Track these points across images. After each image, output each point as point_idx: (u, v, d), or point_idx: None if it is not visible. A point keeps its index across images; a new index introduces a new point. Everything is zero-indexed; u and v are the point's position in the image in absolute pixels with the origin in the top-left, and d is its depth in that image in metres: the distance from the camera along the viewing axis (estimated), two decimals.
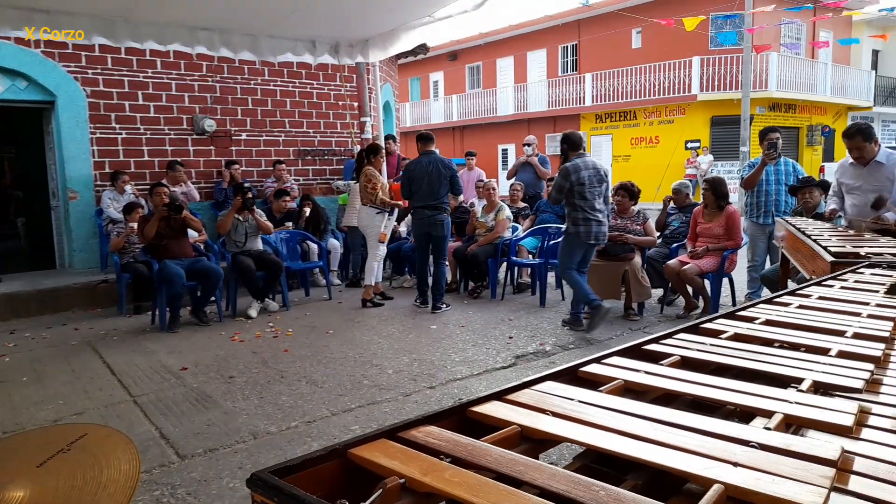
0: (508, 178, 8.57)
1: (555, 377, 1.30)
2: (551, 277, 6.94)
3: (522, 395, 1.20)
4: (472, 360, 4.55)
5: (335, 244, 7.67)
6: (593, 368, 1.37)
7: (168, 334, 5.46)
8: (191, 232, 6.15)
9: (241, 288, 6.30)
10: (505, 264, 6.84)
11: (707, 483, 0.83)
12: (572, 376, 1.35)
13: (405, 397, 3.81)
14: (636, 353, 1.51)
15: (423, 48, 10.37)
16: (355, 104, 8.93)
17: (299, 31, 6.41)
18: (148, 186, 6.56)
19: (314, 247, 7.36)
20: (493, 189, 7.08)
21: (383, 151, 6.64)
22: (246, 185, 6.56)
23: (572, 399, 1.17)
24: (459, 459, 0.94)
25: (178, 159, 7.57)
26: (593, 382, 1.31)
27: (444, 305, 6.11)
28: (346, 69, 8.68)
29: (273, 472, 0.88)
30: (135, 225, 5.90)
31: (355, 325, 5.66)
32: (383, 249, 6.48)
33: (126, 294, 6.29)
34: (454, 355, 4.67)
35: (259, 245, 6.33)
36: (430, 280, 6.35)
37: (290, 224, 7.22)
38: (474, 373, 4.26)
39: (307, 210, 7.46)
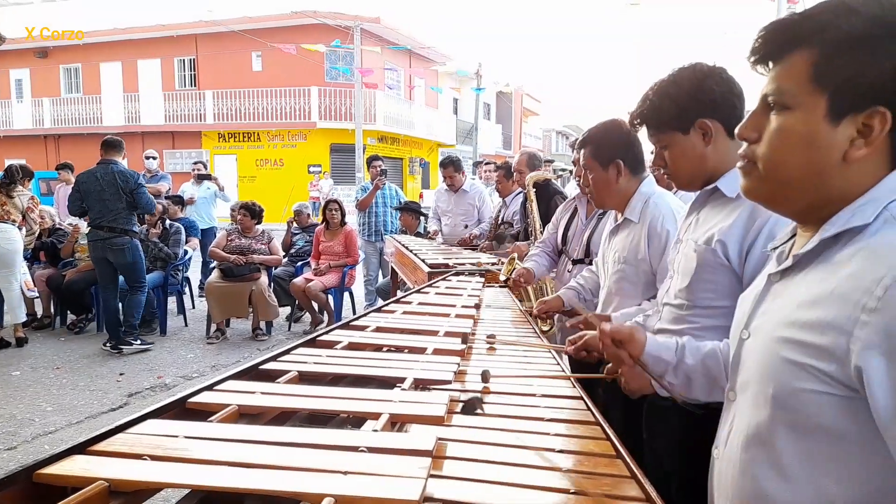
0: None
1: (157, 414, 1.14)
2: (172, 303, 6.37)
3: (114, 443, 1.02)
4: (70, 406, 3.85)
5: None
6: (204, 398, 1.24)
7: None
8: None
9: None
10: None
11: (318, 499, 0.81)
12: (180, 409, 1.21)
13: None
14: (253, 374, 1.44)
15: None
16: None
17: None
18: None
19: None
20: None
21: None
22: None
23: (177, 436, 1.03)
24: None
25: None
26: (205, 413, 1.19)
27: (136, 342, 5.23)
28: None
29: None
30: None
31: None
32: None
33: None
34: (45, 405, 3.88)
35: None
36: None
37: None
38: (73, 422, 3.61)
39: None
